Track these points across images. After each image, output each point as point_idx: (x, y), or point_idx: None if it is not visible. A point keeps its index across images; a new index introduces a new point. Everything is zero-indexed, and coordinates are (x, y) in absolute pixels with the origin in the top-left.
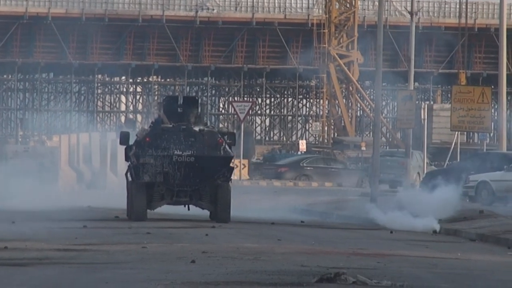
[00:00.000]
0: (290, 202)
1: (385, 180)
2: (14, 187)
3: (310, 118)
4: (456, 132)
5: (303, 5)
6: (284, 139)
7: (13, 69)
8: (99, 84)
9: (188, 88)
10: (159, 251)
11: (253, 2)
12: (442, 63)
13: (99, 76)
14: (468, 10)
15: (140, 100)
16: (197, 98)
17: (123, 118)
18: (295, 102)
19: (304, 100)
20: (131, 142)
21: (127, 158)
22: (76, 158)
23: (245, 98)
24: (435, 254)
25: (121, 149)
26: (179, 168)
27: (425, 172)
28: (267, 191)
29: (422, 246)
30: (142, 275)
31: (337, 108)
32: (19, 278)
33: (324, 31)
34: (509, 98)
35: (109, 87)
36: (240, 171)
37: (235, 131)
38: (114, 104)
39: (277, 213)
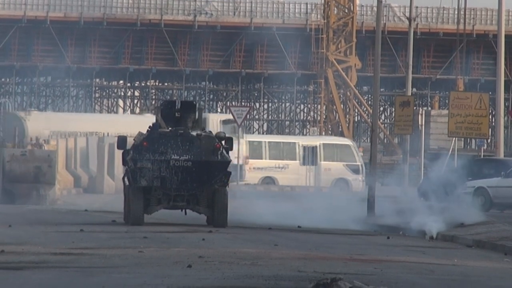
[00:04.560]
0: (288, 207)
1: None
2: None
3: (307, 123)
4: (454, 138)
5: (302, 10)
6: None
7: (11, 72)
8: (97, 88)
9: (186, 92)
10: (155, 256)
11: (251, 7)
12: (440, 69)
13: (97, 80)
14: (467, 16)
15: (138, 104)
16: (194, 102)
17: None
18: (293, 107)
19: (302, 105)
20: (129, 146)
21: (124, 162)
22: (74, 162)
23: (243, 103)
24: (432, 260)
25: (119, 153)
26: (176, 173)
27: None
28: (264, 196)
29: (419, 252)
30: (139, 279)
31: (334, 113)
32: (16, 282)
33: (322, 36)
34: (506, 104)
35: (107, 91)
36: (237, 176)
37: (232, 136)
38: (112, 108)
39: (274, 218)
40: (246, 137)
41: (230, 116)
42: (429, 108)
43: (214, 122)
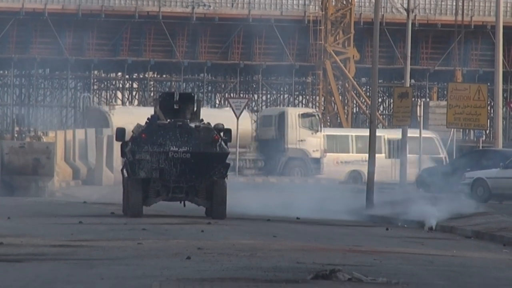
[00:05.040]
0: (286, 199)
1: None
2: None
3: None
4: (452, 129)
5: (300, 1)
6: None
7: (9, 64)
8: (95, 80)
9: (184, 84)
10: (154, 247)
11: None
12: (438, 60)
13: (95, 72)
14: (465, 7)
15: (136, 96)
16: (193, 94)
17: None
18: (291, 99)
19: (300, 97)
20: (127, 138)
21: (123, 154)
22: (72, 154)
23: (241, 95)
24: (430, 251)
25: (117, 145)
26: (175, 165)
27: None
28: (263, 187)
29: (418, 243)
30: (138, 271)
31: (333, 104)
32: (15, 274)
33: (321, 27)
34: (504, 95)
35: (105, 83)
36: (236, 167)
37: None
38: (110, 100)
39: (272, 209)
40: (324, 131)
41: (308, 110)
42: (428, 99)
43: (293, 115)
